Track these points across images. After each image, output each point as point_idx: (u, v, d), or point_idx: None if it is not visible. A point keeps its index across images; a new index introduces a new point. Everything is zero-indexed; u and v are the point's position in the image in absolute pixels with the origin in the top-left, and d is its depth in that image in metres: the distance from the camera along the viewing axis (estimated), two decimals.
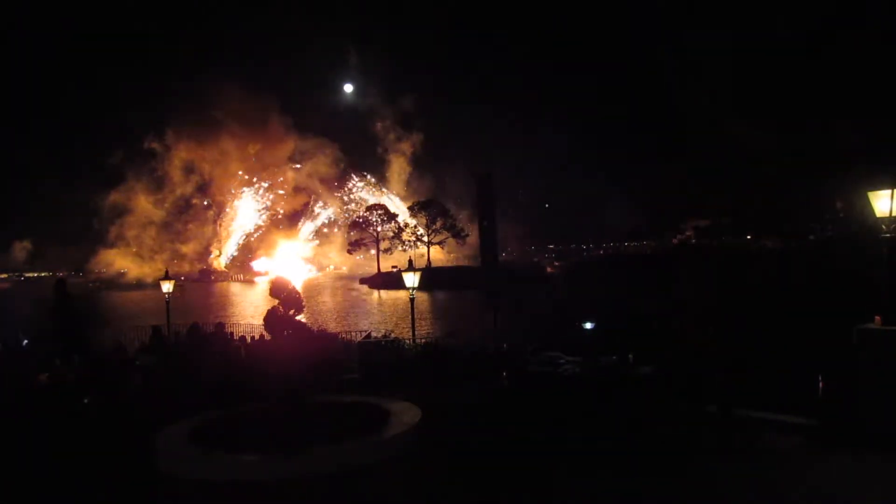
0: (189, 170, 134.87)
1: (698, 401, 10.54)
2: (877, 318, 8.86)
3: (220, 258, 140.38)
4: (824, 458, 8.55)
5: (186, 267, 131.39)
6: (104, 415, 10.78)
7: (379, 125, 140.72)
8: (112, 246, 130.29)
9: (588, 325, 17.89)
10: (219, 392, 11.43)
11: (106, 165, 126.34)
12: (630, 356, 11.80)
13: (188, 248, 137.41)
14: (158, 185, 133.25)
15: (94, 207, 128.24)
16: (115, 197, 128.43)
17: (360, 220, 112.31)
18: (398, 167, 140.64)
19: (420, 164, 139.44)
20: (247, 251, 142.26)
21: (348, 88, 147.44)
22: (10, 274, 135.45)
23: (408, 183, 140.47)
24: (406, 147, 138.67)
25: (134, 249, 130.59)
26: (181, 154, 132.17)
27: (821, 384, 9.25)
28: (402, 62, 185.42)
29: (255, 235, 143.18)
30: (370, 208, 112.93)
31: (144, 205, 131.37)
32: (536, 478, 8.33)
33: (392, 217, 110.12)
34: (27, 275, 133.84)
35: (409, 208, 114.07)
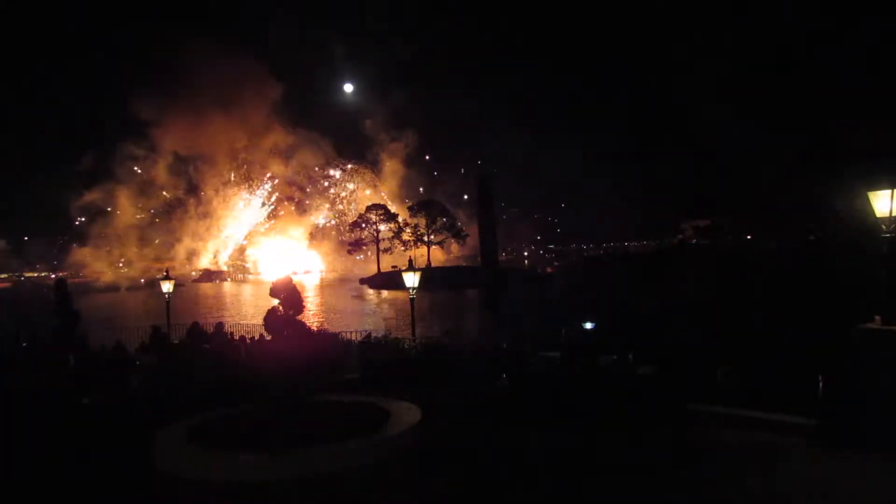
0: (175, 166, 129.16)
1: (695, 400, 10.56)
2: (877, 317, 8.87)
3: (220, 257, 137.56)
4: (823, 458, 8.54)
5: (185, 267, 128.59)
6: (104, 414, 10.77)
7: (374, 124, 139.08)
8: (86, 245, 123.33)
9: (588, 325, 17.90)
10: (218, 392, 11.43)
11: (83, 162, 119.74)
12: (630, 356, 11.80)
13: (178, 248, 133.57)
14: (142, 184, 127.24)
15: (68, 206, 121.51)
16: (91, 196, 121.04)
17: (360, 219, 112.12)
18: (393, 167, 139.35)
19: (416, 164, 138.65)
20: (242, 250, 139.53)
21: (348, 88, 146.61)
22: (11, 273, 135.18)
23: (403, 182, 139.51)
24: (402, 146, 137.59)
25: (107, 250, 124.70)
26: (166, 151, 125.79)
27: (820, 384, 9.25)
28: (399, 60, 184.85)
29: (252, 234, 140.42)
30: (370, 208, 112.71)
31: (125, 203, 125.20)
32: (536, 479, 8.34)
33: (392, 217, 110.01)
34: (27, 274, 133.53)
35: (409, 208, 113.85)
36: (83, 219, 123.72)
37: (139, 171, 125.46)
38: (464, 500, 7.77)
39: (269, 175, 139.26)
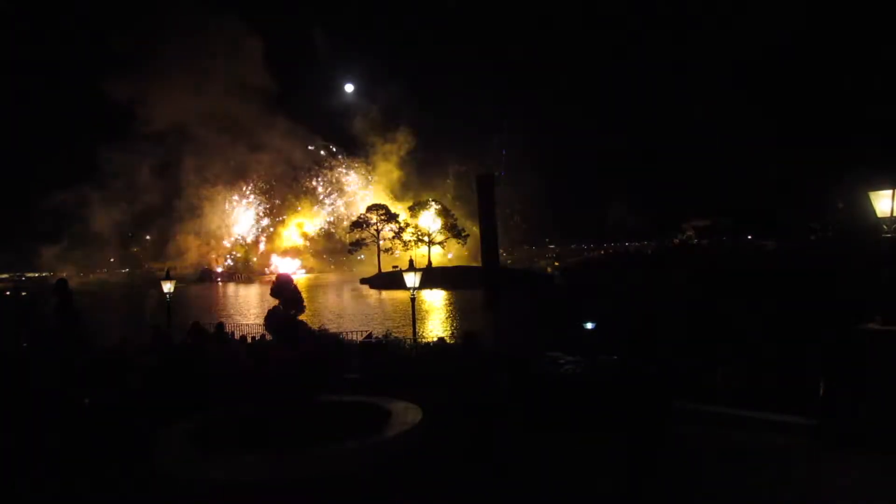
0: (159, 165, 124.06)
1: (695, 400, 10.56)
2: (877, 317, 8.87)
3: (213, 258, 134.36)
4: (824, 459, 8.55)
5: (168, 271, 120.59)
6: (105, 415, 10.77)
7: (371, 121, 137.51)
8: (56, 244, 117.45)
9: (589, 325, 17.92)
10: (219, 392, 11.42)
11: (57, 160, 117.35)
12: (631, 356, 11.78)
13: (170, 248, 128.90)
14: (124, 184, 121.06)
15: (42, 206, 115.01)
16: (67, 195, 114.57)
17: (361, 219, 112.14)
18: (389, 166, 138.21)
19: (415, 162, 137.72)
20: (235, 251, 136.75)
21: (348, 88, 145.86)
22: (12, 273, 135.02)
23: (402, 181, 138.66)
24: (400, 144, 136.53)
25: (84, 252, 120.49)
26: (149, 150, 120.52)
27: (821, 384, 9.25)
28: (397, 56, 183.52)
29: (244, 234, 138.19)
30: (371, 208, 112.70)
31: (105, 203, 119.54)
32: (539, 479, 8.34)
33: (392, 217, 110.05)
34: (28, 275, 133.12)
35: (410, 208, 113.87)
36: (63, 219, 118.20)
37: (121, 170, 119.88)
38: (465, 501, 7.78)
39: (259, 173, 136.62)
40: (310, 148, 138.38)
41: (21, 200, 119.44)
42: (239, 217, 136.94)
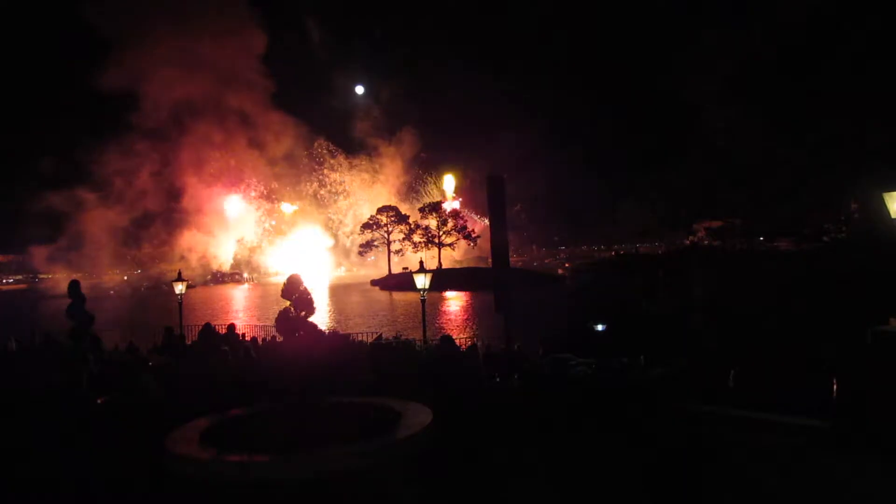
0: (157, 166, 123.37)
1: (706, 402, 10.49)
2: (892, 319, 8.80)
3: (215, 261, 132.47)
4: (834, 462, 8.48)
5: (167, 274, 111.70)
6: (117, 415, 10.85)
7: (377, 123, 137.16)
8: (55, 247, 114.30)
9: (600, 327, 17.90)
10: (230, 393, 11.49)
11: (47, 163, 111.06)
12: (641, 358, 11.76)
13: (170, 252, 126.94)
14: (121, 186, 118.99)
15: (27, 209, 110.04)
16: (59, 197, 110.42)
17: (372, 221, 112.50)
18: (396, 167, 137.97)
19: (422, 164, 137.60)
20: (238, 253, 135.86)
21: (359, 90, 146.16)
22: (26, 275, 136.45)
23: (410, 183, 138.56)
24: (406, 147, 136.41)
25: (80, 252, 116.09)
26: (146, 151, 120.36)
27: (833, 386, 9.18)
28: (402, 54, 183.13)
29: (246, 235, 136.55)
30: (381, 210, 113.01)
31: (101, 204, 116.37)
32: (547, 482, 8.33)
33: (403, 218, 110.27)
34: (41, 276, 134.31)
35: (420, 210, 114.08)
36: (62, 221, 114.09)
37: (122, 169, 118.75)
38: (475, 501, 7.79)
39: (261, 173, 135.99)
40: (314, 147, 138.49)
41: (18, 201, 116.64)
42: (241, 218, 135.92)
